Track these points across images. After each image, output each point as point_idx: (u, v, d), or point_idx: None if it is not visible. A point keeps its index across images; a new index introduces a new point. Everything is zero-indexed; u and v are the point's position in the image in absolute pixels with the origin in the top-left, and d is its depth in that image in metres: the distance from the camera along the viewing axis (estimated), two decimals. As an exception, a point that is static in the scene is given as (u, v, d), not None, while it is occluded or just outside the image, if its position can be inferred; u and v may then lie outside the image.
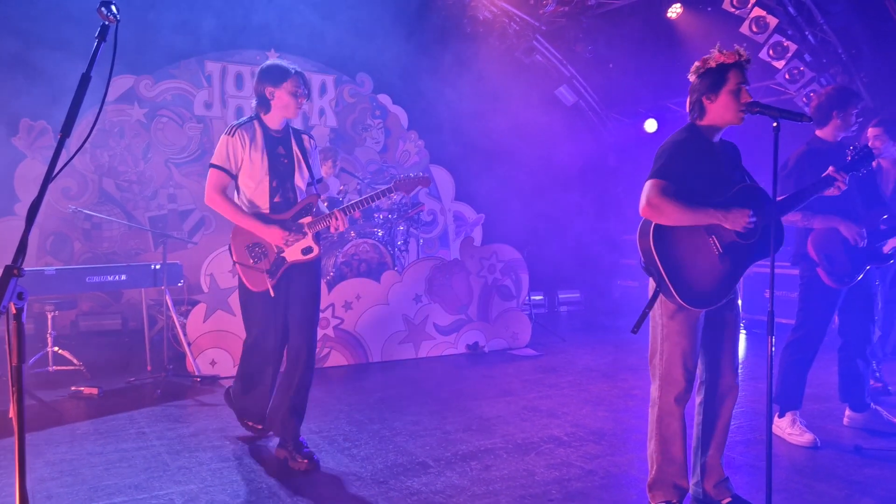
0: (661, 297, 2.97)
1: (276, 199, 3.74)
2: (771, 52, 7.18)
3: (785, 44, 7.14)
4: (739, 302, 3.17)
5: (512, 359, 6.56)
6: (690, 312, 2.96)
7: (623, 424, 4.43)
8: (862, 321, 4.23)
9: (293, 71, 3.73)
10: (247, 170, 3.72)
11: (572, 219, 9.78)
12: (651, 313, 3.06)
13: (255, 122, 3.75)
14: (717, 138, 3.04)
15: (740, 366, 3.36)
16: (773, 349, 2.70)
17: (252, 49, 8.24)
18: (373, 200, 3.82)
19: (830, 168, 3.44)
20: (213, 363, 5.70)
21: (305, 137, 3.92)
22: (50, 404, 4.73)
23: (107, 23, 2.09)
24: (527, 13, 8.93)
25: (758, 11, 7.06)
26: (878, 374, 5.28)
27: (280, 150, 3.75)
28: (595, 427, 4.38)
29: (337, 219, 3.75)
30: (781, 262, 6.12)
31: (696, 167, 2.94)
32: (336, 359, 6.19)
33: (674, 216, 2.87)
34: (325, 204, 3.62)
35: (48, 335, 5.51)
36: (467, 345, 6.75)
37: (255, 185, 3.73)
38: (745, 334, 7.70)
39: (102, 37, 2.09)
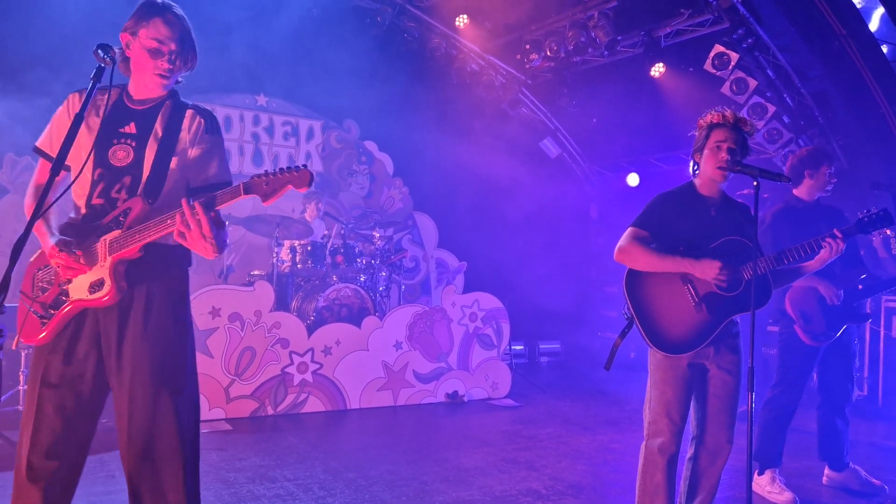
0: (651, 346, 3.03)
1: (96, 201, 2.41)
2: (750, 112, 7.38)
3: (764, 104, 7.35)
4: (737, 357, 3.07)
5: (491, 409, 6.51)
6: (674, 361, 2.99)
7: (602, 479, 4.39)
8: (841, 380, 4.25)
9: (163, 7, 2.42)
10: (72, 151, 2.33)
11: (554, 269, 9.84)
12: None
13: (114, 89, 2.48)
14: (714, 194, 3.10)
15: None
16: (753, 405, 2.72)
17: (240, 93, 8.32)
18: (232, 198, 2.29)
19: (835, 230, 3.15)
20: (188, 406, 5.58)
21: (190, 115, 2.51)
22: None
23: (103, 65, 2.13)
24: (513, 67, 9.13)
25: (738, 73, 7.27)
26: None
27: (128, 128, 2.44)
28: (574, 481, 4.34)
29: (183, 217, 2.24)
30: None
31: (680, 218, 3.05)
32: (314, 405, 6.10)
33: (641, 261, 3.02)
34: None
35: (20, 373, 5.39)
36: (447, 393, 6.70)
37: (77, 175, 2.38)
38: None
39: (97, 78, 2.12)
